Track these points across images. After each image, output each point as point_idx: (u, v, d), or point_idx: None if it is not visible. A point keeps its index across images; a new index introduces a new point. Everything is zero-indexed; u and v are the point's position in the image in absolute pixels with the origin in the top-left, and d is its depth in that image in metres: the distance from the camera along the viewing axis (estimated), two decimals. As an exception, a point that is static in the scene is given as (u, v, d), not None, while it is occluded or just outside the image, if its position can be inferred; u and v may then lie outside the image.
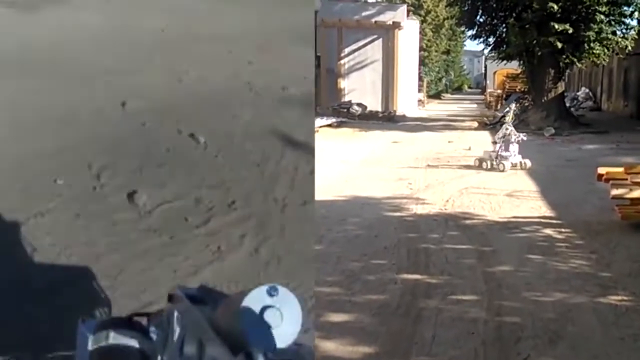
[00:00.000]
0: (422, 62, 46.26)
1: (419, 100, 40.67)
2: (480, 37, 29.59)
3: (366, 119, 28.84)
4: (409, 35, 36.44)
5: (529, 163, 15.20)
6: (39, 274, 5.01)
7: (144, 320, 1.90)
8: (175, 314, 1.72)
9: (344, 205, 11.01)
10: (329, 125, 25.29)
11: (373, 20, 32.87)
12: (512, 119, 16.59)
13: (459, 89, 69.48)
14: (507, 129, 15.79)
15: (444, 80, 54.68)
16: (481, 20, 29.09)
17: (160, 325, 1.83)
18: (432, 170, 14.79)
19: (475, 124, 27.16)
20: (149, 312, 1.94)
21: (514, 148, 15.32)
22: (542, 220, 9.89)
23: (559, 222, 9.74)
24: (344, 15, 32.93)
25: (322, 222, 9.76)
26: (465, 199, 11.52)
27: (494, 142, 16.00)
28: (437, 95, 51.47)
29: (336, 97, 33.34)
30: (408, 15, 39.10)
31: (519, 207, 10.91)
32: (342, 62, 34.49)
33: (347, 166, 15.61)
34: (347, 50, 34.50)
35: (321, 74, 32.45)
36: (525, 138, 15.94)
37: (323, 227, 9.36)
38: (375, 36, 33.72)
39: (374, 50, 33.83)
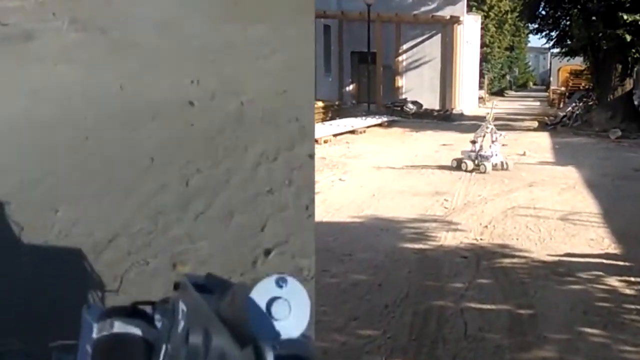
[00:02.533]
0: (484, 59, 43.17)
1: (480, 98, 37.61)
2: (542, 31, 26.56)
3: (420, 118, 26.09)
4: (470, 30, 33.47)
5: (510, 164, 13.85)
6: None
7: (149, 309, 1.76)
8: (181, 302, 1.60)
9: (358, 232, 8.52)
10: (380, 125, 22.69)
11: (431, 15, 30.01)
12: (492, 117, 14.90)
13: (523, 86, 65.59)
14: (487, 127, 14.28)
15: (507, 77, 51.21)
16: (543, 12, 26.01)
17: (165, 314, 1.71)
18: (477, 182, 12.12)
19: (536, 124, 24.16)
20: (154, 300, 1.79)
21: (496, 147, 13.88)
22: (604, 261, 7.22)
23: (627, 264, 7.09)
24: (402, 9, 30.18)
25: (321, 257, 7.30)
26: (509, 225, 8.87)
27: (473, 142, 14.00)
28: (500, 93, 48.11)
29: (393, 95, 30.67)
30: (469, 11, 36.14)
31: (574, 237, 8.24)
32: (399, 58, 31.76)
33: (381, 175, 13.05)
34: (405, 46, 31.77)
35: (376, 71, 29.83)
36: (507, 137, 14.76)
37: (318, 266, 6.89)
38: (433, 32, 30.86)
39: (433, 46, 30.97)
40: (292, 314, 1.31)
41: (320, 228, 8.73)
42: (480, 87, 39.16)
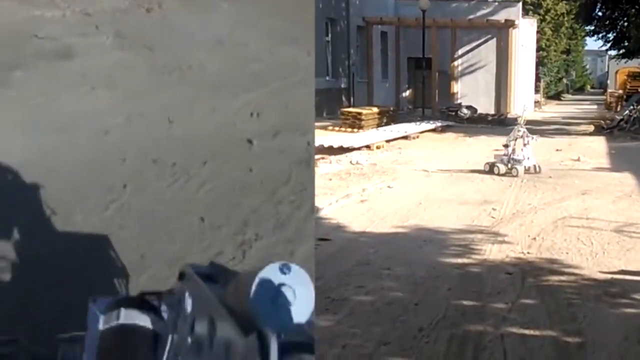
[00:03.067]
0: (540, 62, 41.87)
1: (536, 102, 36.43)
2: (599, 33, 25.45)
3: (475, 123, 25.24)
4: (525, 34, 32.43)
5: (543, 167, 13.27)
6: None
7: (155, 299, 1.71)
8: (187, 292, 1.54)
9: (400, 244, 7.92)
10: (433, 130, 21.98)
11: (486, 19, 29.09)
12: (524, 120, 14.31)
13: (580, 90, 63.54)
14: (519, 130, 13.56)
15: (564, 81, 49.64)
16: (600, 14, 24.87)
17: (171, 304, 1.65)
18: (527, 190, 11.37)
19: (591, 128, 23.09)
20: (160, 290, 1.74)
21: (528, 151, 13.28)
22: (662, 279, 6.49)
23: (687, 284, 6.32)
24: (457, 15, 29.35)
25: (358, 271, 6.75)
26: (559, 236, 8.15)
27: (505, 145, 13.43)
28: (556, 96, 46.64)
29: (449, 100, 29.88)
30: (525, 14, 35.09)
31: (630, 251, 7.49)
32: (455, 63, 30.94)
33: (430, 182, 12.39)
34: (460, 51, 30.94)
35: (431, 76, 29.07)
36: (538, 140, 13.84)
37: (354, 281, 6.35)
38: (489, 36, 29.95)
39: (488, 50, 30.05)
40: (297, 300, 1.25)
41: (362, 239, 8.19)
42: (536, 91, 37.94)
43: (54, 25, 8.43)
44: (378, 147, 16.92)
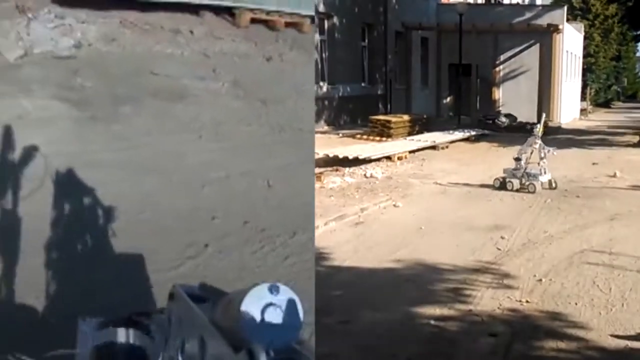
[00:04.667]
0: (588, 69, 39.40)
1: (582, 110, 34.11)
2: (647, 39, 23.26)
3: (513, 132, 23.24)
4: (571, 39, 30.26)
5: (560, 183, 11.82)
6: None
7: (145, 319, 1.68)
8: (176, 312, 1.54)
9: (377, 283, 6.42)
10: (467, 139, 20.20)
11: (527, 24, 27.04)
12: (541, 131, 12.53)
13: (632, 97, 60.24)
14: (535, 142, 11.97)
15: (614, 88, 46.84)
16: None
17: (161, 324, 1.61)
18: (548, 212, 9.65)
19: (637, 138, 20.94)
20: (150, 310, 1.73)
21: (544, 164, 11.69)
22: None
23: None
24: (498, 19, 27.39)
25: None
26: (571, 278, 6.50)
27: (517, 159, 11.68)
28: (605, 104, 43.96)
29: (490, 107, 27.99)
30: (574, 19, 32.95)
31: (656, 303, 5.80)
32: (496, 69, 29.00)
33: (443, 200, 10.77)
34: (502, 57, 28.98)
35: (471, 83, 27.24)
36: (556, 153, 12.30)
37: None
38: (532, 41, 27.89)
39: (531, 56, 27.98)
40: (285, 320, 1.16)
41: (336, 276, 6.66)
42: (583, 99, 35.60)
43: (172, 64, 7.76)
44: (399, 158, 15.28)
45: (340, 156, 14.20)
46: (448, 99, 30.32)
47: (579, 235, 8.20)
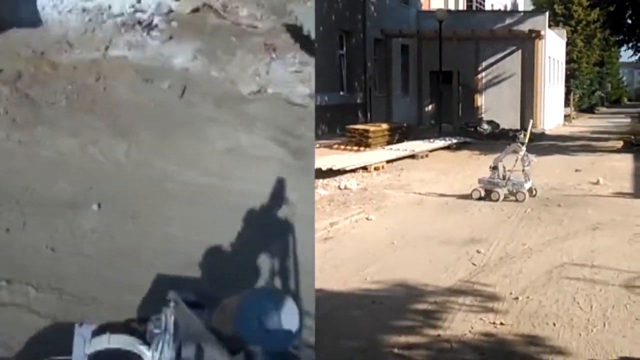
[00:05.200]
0: (571, 75, 39.20)
1: (566, 116, 33.81)
2: (629, 42, 22.97)
3: (495, 139, 22.83)
4: (553, 45, 30.00)
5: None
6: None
7: (141, 325, 1.72)
8: (172, 318, 1.62)
9: (342, 306, 5.96)
10: (448, 148, 19.81)
11: (509, 29, 26.69)
12: (527, 137, 11.83)
13: (617, 102, 60.14)
14: (519, 149, 11.36)
15: (598, 94, 46.61)
16: (629, 22, 22.41)
17: (157, 330, 1.68)
18: (527, 223, 9.22)
19: (620, 144, 20.62)
20: (146, 317, 1.75)
21: (527, 172, 11.22)
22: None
23: None
24: (479, 25, 27.05)
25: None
26: (550, 295, 6.05)
27: (494, 167, 11.20)
28: (590, 110, 43.65)
29: (473, 115, 27.60)
30: (555, 25, 32.75)
31: (640, 322, 5.36)
32: (479, 76, 28.65)
33: (419, 212, 10.33)
34: (484, 63, 28.62)
35: (452, 90, 26.88)
36: (535, 160, 11.70)
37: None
38: (514, 48, 27.56)
39: (513, 62, 27.64)
40: (282, 324, 1.31)
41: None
42: (567, 105, 35.31)
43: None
44: (376, 169, 14.84)
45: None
46: (430, 106, 29.95)
47: (559, 248, 7.76)
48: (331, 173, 13.71)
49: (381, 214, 10.20)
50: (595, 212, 9.81)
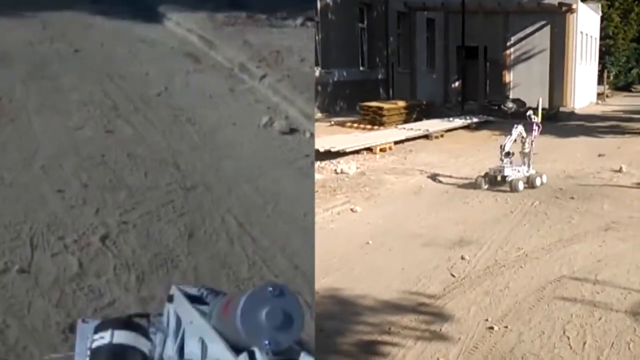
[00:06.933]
0: (607, 51, 37.00)
1: (599, 94, 31.78)
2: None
3: (520, 118, 21.23)
4: (586, 20, 28.03)
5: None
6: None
7: (144, 320, 1.67)
8: (175, 314, 1.57)
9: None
10: (467, 127, 18.31)
11: (537, 3, 24.83)
12: (540, 116, 10.72)
13: (656, 80, 57.38)
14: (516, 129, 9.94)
15: (634, 71, 44.13)
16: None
17: (159, 326, 1.66)
18: (530, 220, 7.82)
19: (653, 125, 18.89)
20: (148, 312, 1.74)
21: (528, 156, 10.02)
22: None
23: None
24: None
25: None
26: (535, 324, 4.71)
27: (507, 153, 9.79)
28: (626, 87, 41.32)
29: (500, 92, 25.93)
30: (592, 0, 30.72)
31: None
32: (507, 52, 26.89)
33: (413, 202, 9.02)
34: (513, 38, 26.82)
35: (479, 66, 25.26)
36: (536, 134, 10.33)
37: None
38: (544, 22, 25.72)
39: (543, 37, 25.83)
40: (286, 321, 1.19)
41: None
42: (601, 83, 33.26)
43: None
44: (382, 150, 13.49)
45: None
46: (457, 83, 28.32)
47: (560, 255, 6.38)
48: (332, 155, 12.40)
49: (370, 204, 8.91)
50: (612, 207, 8.37)
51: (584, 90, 28.34)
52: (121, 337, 1.57)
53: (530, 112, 10.43)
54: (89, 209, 5.24)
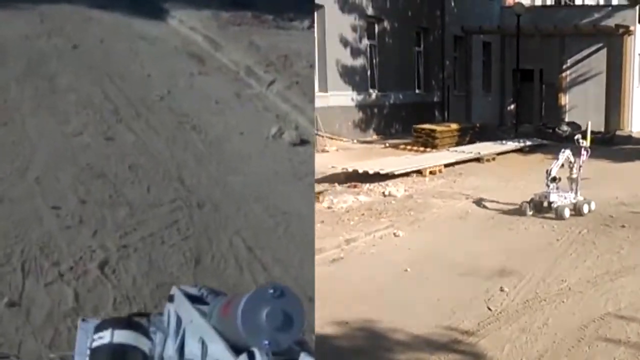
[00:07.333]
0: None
1: (659, 117, 30.44)
2: None
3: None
4: (645, 41, 26.96)
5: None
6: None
7: (144, 320, 1.64)
8: (176, 314, 1.55)
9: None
10: (519, 150, 17.66)
11: (593, 25, 23.97)
12: (589, 140, 10.10)
13: None
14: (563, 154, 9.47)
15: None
16: None
17: (160, 326, 1.63)
18: (577, 249, 7.32)
19: None
20: (148, 312, 1.73)
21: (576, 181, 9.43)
22: None
23: None
24: (564, 22, 24.49)
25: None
26: (572, 368, 4.27)
27: (553, 178, 9.15)
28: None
29: (556, 115, 25.11)
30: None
31: None
32: (563, 74, 26.05)
33: (458, 228, 8.60)
34: (569, 61, 25.99)
35: (534, 89, 24.51)
36: (584, 159, 9.72)
37: None
38: (600, 44, 24.84)
39: (600, 60, 24.94)
40: (286, 321, 1.17)
41: None
42: (661, 105, 31.86)
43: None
44: (432, 173, 13.05)
45: (360, 171, 12.08)
46: (512, 106, 27.60)
47: (607, 289, 5.88)
48: (380, 177, 12.03)
49: (414, 229, 8.52)
50: (668, 236, 7.80)
51: (643, 114, 27.21)
52: (121, 336, 1.54)
53: (578, 136, 9.81)
54: (87, 229, 4.74)
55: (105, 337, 1.53)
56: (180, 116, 7.52)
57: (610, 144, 20.54)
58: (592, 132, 20.91)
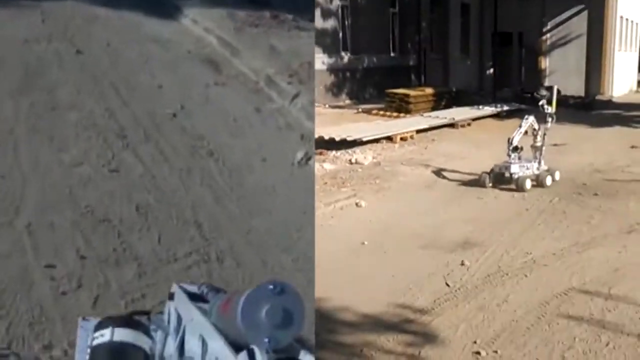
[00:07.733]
0: (649, 37, 35.37)
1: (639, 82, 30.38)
2: None
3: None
4: (627, 4, 26.63)
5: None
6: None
7: (145, 318, 1.65)
8: (176, 312, 1.54)
9: None
10: (496, 116, 17.39)
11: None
12: (554, 107, 9.58)
13: None
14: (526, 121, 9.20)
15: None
16: None
17: (160, 324, 1.63)
18: (546, 220, 7.06)
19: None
20: (149, 310, 1.78)
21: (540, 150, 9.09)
22: None
23: None
24: (543, -18, 24.14)
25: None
26: (530, 349, 4.01)
27: (515, 148, 8.86)
28: (672, 74, 39.55)
29: (536, 80, 24.84)
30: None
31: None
32: (543, 38, 25.75)
33: (422, 198, 8.32)
34: (549, 24, 25.65)
35: (514, 52, 24.22)
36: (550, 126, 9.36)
37: None
38: (582, 6, 24.53)
39: (580, 23, 24.68)
40: (286, 319, 1.16)
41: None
42: (642, 70, 31.76)
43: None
44: (403, 139, 12.75)
45: (326, 137, 11.74)
46: (491, 70, 27.30)
47: (573, 261, 5.62)
48: (348, 144, 11.71)
49: (378, 198, 8.23)
50: (639, 206, 7.56)
51: (623, 78, 27.01)
52: (121, 334, 1.52)
53: (543, 102, 9.43)
54: (86, 296, 3.94)
55: (106, 335, 1.54)
56: (195, 139, 6.61)
57: (589, 108, 20.35)
58: (572, 97, 20.77)
